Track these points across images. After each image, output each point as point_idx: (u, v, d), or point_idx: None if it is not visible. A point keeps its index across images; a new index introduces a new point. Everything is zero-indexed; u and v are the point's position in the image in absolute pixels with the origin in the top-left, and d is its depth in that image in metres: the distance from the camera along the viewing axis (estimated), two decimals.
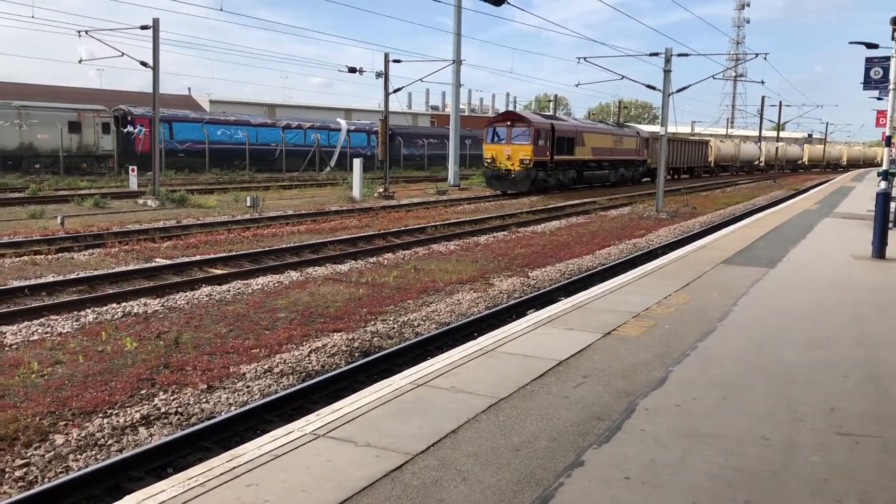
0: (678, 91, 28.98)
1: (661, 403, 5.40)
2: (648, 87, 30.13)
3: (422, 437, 4.64)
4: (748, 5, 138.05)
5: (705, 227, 24.17)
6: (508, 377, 5.92)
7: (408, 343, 9.40)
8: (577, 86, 57.17)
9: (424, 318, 10.77)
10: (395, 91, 32.26)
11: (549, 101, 73.03)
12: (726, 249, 14.03)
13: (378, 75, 32.43)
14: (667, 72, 27.88)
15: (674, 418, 5.11)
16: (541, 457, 4.40)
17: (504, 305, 11.64)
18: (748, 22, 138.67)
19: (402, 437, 4.64)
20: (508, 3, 16.87)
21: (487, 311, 11.21)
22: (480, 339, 7.34)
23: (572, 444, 4.62)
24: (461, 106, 47.24)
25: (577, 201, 31.50)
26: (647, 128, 71.14)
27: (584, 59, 29.41)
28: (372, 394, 5.51)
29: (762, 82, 64.91)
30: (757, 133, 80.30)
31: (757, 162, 76.48)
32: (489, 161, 34.40)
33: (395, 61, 33.00)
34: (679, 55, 29.42)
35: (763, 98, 70.76)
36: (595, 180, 40.80)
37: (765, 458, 4.51)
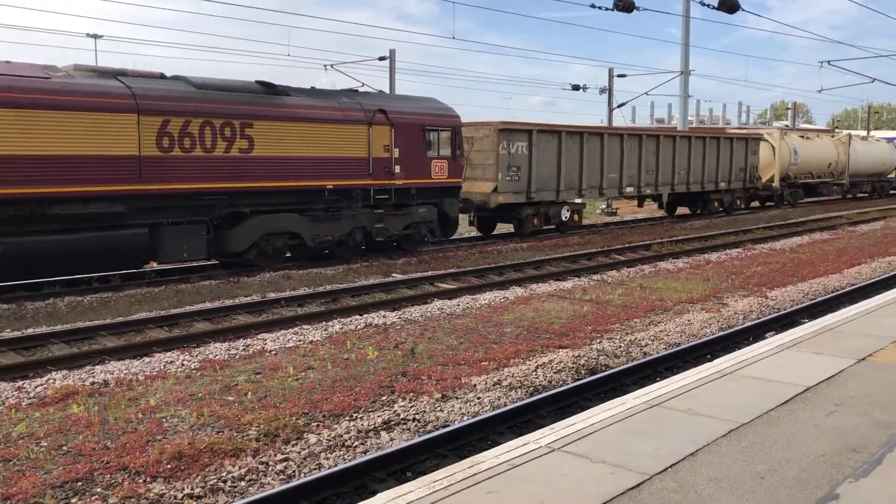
0: None
1: None
2: None
3: (658, 458, 4.54)
4: None
5: None
6: (749, 402, 5.62)
7: (636, 363, 9.21)
8: (819, 91, 52.45)
9: (653, 337, 10.50)
10: (618, 106, 31.89)
11: (787, 108, 68.29)
12: None
13: (602, 91, 32.26)
14: None
15: None
16: (789, 486, 4.14)
17: (740, 327, 11.04)
18: None
19: (638, 456, 4.58)
20: (742, 10, 16.10)
21: (721, 333, 10.69)
22: (717, 361, 7.03)
23: (824, 475, 4.29)
24: (689, 117, 45.19)
25: None
26: None
27: (828, 62, 27.25)
28: (604, 411, 5.48)
29: None
30: None
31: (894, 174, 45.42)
32: None
33: (619, 76, 32.68)
34: None
35: None
36: None
37: None
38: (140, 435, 6.69)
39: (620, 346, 9.97)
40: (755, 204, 34.85)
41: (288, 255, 16.43)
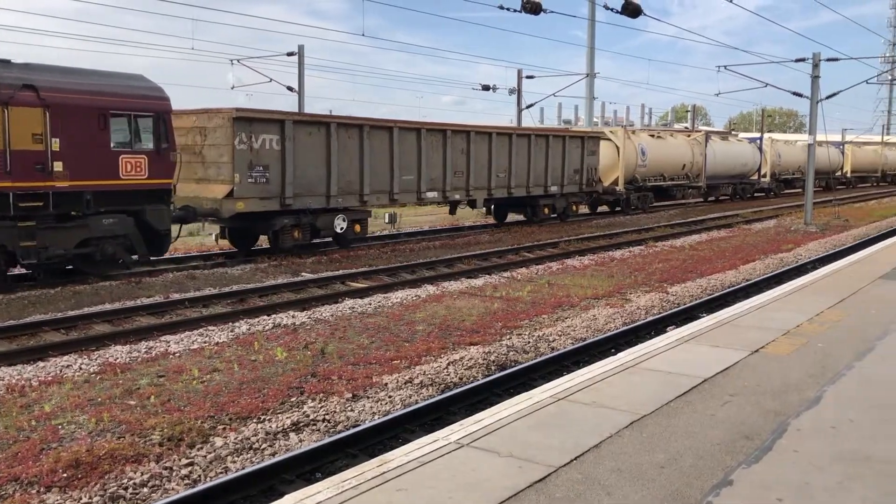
0: (827, 98, 27.46)
1: (815, 424, 5.15)
2: (795, 94, 28.69)
3: (564, 451, 4.65)
4: None
5: (860, 241, 22.72)
6: (650, 394, 5.82)
7: (544, 358, 9.40)
8: (716, 95, 54.90)
9: (560, 333, 10.73)
10: (527, 107, 32.41)
11: (687, 111, 70.90)
12: (884, 263, 13.12)
13: (511, 92, 32.71)
14: (814, 78, 26.49)
15: (829, 440, 4.87)
16: (687, 474, 4.31)
17: (643, 322, 11.41)
18: None
19: (544, 449, 4.67)
20: (645, 14, 16.64)
21: (625, 328, 11.04)
22: (620, 354, 7.26)
23: (720, 462, 4.49)
24: (595, 119, 46.24)
25: None
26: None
27: (725, 67, 28.42)
28: (512, 406, 5.57)
29: None
30: None
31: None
32: None
33: (528, 77, 33.19)
34: (828, 60, 27.95)
35: None
36: None
37: None
38: (33, 443, 6.38)
39: (529, 342, 10.14)
40: (604, 209, 31.72)
41: None
